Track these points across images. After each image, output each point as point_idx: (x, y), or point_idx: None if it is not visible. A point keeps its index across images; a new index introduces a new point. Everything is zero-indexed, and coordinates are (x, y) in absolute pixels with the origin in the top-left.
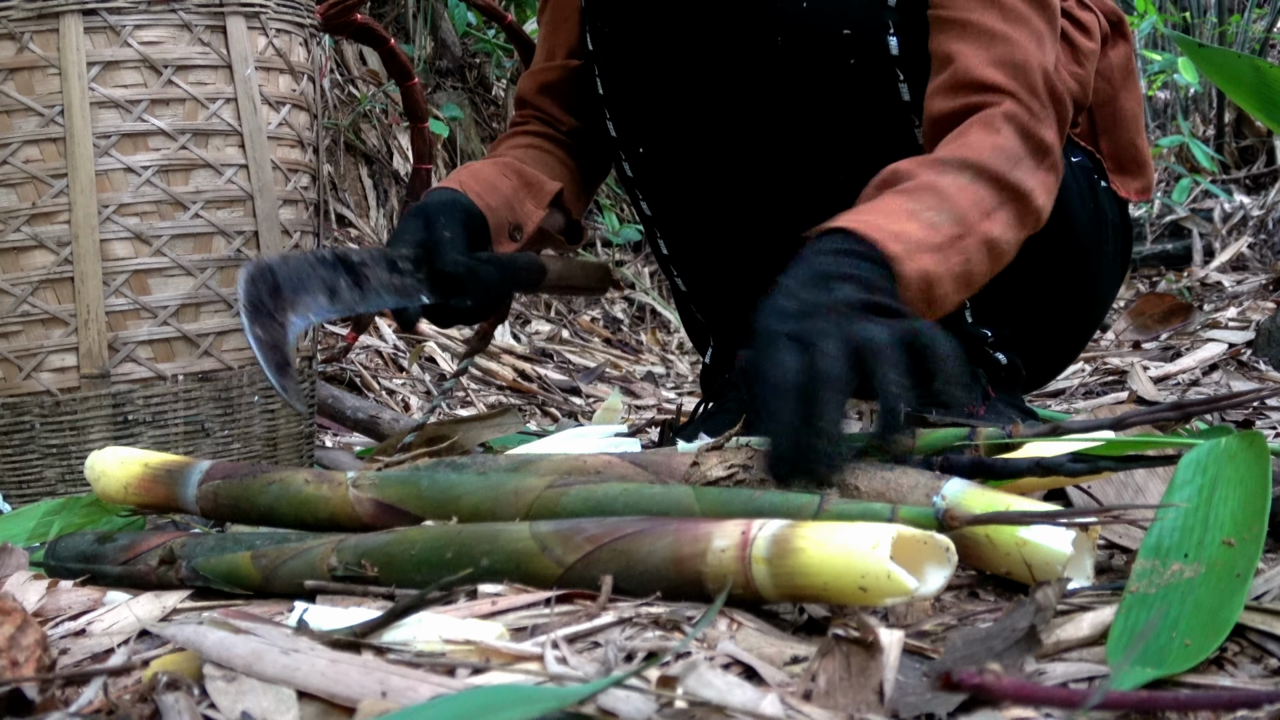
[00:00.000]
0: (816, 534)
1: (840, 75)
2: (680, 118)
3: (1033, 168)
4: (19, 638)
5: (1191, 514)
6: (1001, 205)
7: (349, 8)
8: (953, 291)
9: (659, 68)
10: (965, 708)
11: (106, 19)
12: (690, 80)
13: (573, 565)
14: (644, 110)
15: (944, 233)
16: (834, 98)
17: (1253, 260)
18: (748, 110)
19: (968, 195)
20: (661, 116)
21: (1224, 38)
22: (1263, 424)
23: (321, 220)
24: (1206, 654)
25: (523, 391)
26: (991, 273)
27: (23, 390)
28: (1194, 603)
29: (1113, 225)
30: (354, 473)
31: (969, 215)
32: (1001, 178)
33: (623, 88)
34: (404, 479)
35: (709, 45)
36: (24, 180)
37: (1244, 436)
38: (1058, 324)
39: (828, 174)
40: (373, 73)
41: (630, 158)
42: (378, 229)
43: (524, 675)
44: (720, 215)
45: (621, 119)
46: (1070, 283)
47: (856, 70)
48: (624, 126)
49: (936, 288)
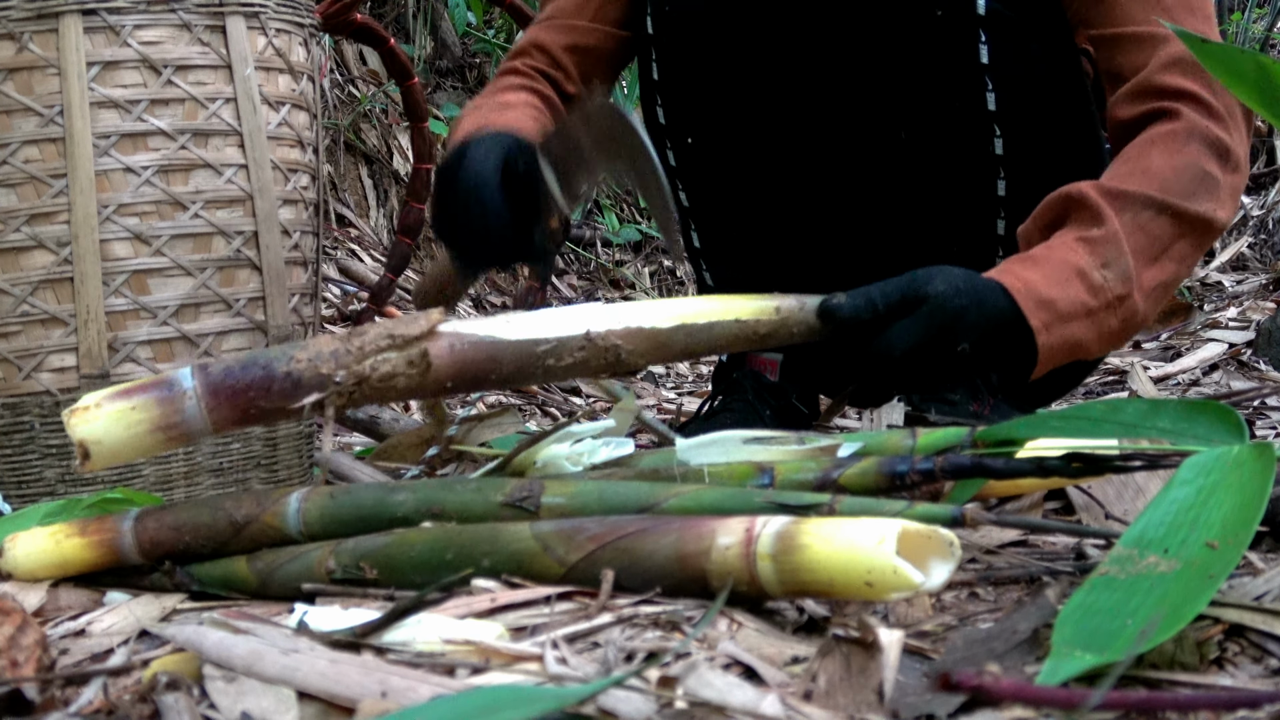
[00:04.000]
0: (821, 530)
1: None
2: (742, 108)
3: (1216, 180)
4: (19, 638)
5: (1183, 513)
6: (1179, 239)
7: (349, 7)
8: (1102, 347)
9: (729, 55)
10: (965, 708)
11: (106, 19)
12: (762, 71)
13: (575, 564)
14: (703, 99)
15: (1107, 295)
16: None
17: (1253, 260)
18: (818, 91)
19: (1139, 240)
20: (721, 106)
21: (1224, 37)
22: (1263, 424)
23: (321, 220)
24: (1154, 644)
25: (523, 391)
26: (1159, 307)
27: (23, 390)
28: (1159, 596)
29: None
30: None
31: (1136, 267)
32: (1184, 212)
33: (683, 75)
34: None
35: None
36: (24, 180)
37: (1255, 447)
38: None
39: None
40: (373, 73)
41: (675, 146)
42: (378, 229)
43: (524, 675)
44: (765, 210)
45: (675, 107)
46: None
47: (941, 25)
48: (676, 115)
49: (1081, 350)
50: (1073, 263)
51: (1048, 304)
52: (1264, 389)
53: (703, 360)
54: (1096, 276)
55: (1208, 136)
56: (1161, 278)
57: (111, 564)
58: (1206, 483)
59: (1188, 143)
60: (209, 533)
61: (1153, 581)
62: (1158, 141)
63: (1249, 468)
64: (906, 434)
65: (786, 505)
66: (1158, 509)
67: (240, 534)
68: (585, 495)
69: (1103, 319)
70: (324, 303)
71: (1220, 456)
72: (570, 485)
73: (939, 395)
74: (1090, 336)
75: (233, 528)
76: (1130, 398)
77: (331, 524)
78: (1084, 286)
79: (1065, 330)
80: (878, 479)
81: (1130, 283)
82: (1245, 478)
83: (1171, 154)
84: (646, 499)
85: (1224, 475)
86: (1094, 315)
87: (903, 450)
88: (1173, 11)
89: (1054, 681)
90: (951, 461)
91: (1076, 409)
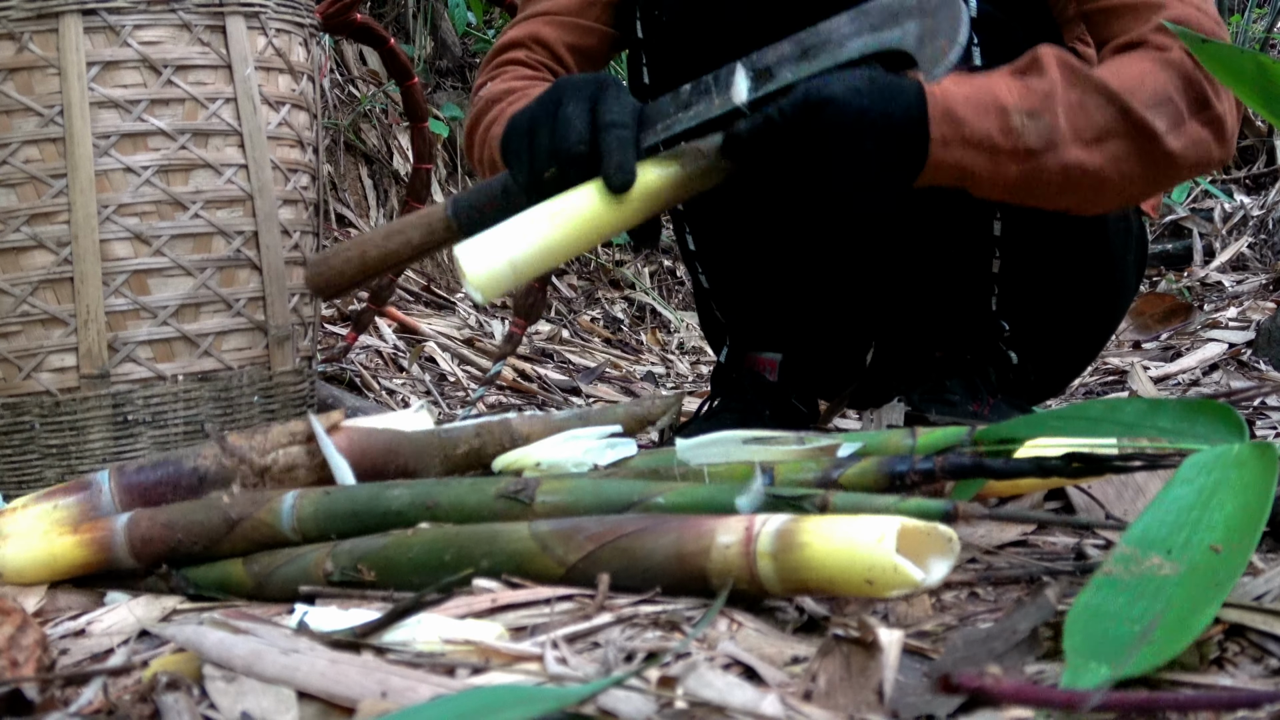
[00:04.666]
0: (821, 528)
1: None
2: None
3: (1180, 114)
4: (19, 638)
5: (1185, 513)
6: (1117, 137)
7: (349, 7)
8: (994, 191)
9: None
10: (965, 708)
11: (106, 19)
12: None
13: (575, 564)
14: None
15: (1018, 141)
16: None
17: (1253, 260)
18: None
19: (1078, 116)
20: None
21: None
22: (1263, 424)
23: (321, 220)
24: (1169, 657)
25: (523, 391)
26: (1077, 200)
27: (23, 390)
28: (1166, 602)
29: (1135, 237)
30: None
31: (1063, 134)
32: (1131, 110)
33: (674, 81)
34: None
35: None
36: (24, 180)
37: (1256, 446)
38: (1074, 329)
39: None
40: (373, 73)
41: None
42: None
43: (524, 675)
44: (756, 213)
45: None
46: (1093, 286)
47: None
48: None
49: (974, 185)
50: (1000, 97)
51: (956, 121)
52: (1264, 389)
53: (703, 360)
54: (1016, 120)
55: (1188, 75)
56: (1086, 162)
57: (103, 563)
58: (1208, 482)
59: (1165, 69)
60: (202, 530)
61: (1158, 585)
62: (1137, 58)
63: (1250, 468)
64: (906, 434)
65: (780, 496)
66: (1160, 508)
67: (234, 531)
68: (580, 491)
69: (1004, 163)
70: (324, 303)
71: (1221, 455)
72: (565, 482)
73: (939, 395)
74: (983, 172)
75: (226, 525)
76: (1130, 397)
77: (326, 521)
78: (999, 124)
79: (961, 154)
80: (877, 479)
81: (1049, 144)
82: (1247, 479)
83: (1144, 70)
84: (641, 494)
85: (1225, 474)
86: (997, 154)
87: (902, 450)
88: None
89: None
90: (951, 461)
91: (1076, 408)
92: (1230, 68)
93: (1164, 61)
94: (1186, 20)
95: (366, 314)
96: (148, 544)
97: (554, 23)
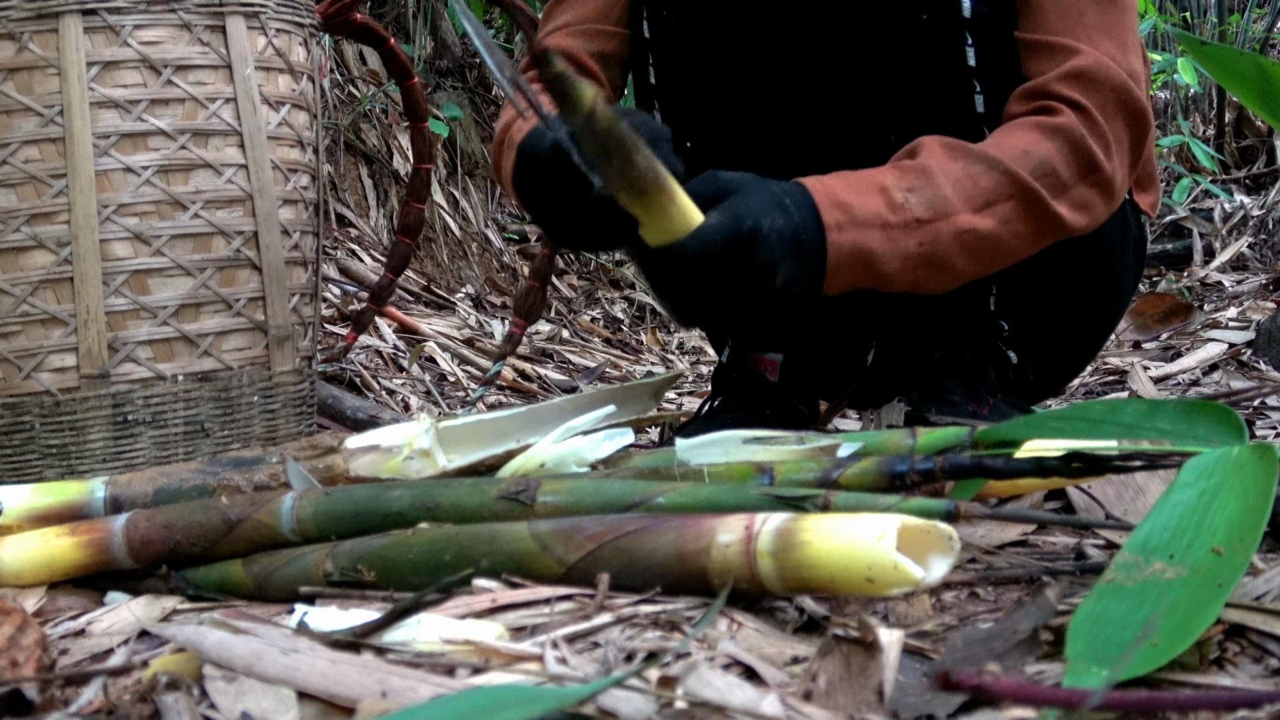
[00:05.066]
0: (821, 526)
1: (910, 32)
2: (736, 112)
3: (1063, 182)
4: (19, 638)
5: (1187, 517)
6: (1005, 200)
7: (349, 7)
8: (903, 271)
9: (725, 64)
10: (965, 708)
11: (106, 19)
12: (756, 76)
13: (575, 564)
14: (700, 106)
15: (907, 214)
16: (900, 58)
17: (1253, 260)
18: (810, 96)
19: (964, 185)
20: (718, 114)
21: (1224, 38)
22: (1262, 424)
23: (321, 220)
24: (1170, 657)
25: (523, 392)
26: (979, 265)
27: (23, 390)
28: (1168, 605)
29: (1133, 237)
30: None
31: (951, 204)
32: (1016, 176)
33: (680, 81)
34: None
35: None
36: (24, 180)
37: (1257, 448)
38: (1073, 328)
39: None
40: (373, 73)
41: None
42: (377, 229)
43: (524, 675)
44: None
45: (672, 112)
46: (1091, 286)
47: (928, 28)
48: (674, 120)
49: (879, 265)
50: (876, 179)
51: (843, 205)
52: (1264, 389)
53: (703, 360)
54: (898, 195)
55: (1075, 141)
56: (980, 226)
57: (101, 565)
58: (1209, 485)
59: (1052, 137)
60: (201, 531)
61: (1160, 590)
62: (1024, 127)
63: (1251, 470)
64: (906, 434)
65: (782, 498)
66: (1161, 513)
67: (233, 532)
68: (581, 490)
69: (899, 237)
70: (324, 303)
71: (1222, 458)
72: (566, 481)
73: (939, 396)
74: (884, 250)
75: (226, 526)
76: (1130, 398)
77: (326, 521)
78: (883, 201)
79: (858, 235)
80: (877, 479)
81: (938, 213)
82: (1248, 481)
83: (1030, 139)
84: (642, 494)
85: (1226, 478)
86: (889, 230)
87: (903, 450)
88: (1090, 30)
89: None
90: (951, 461)
91: (1076, 409)
92: (1230, 69)
93: (1051, 129)
94: (1095, 69)
95: (366, 314)
96: (147, 545)
97: (575, 33)
